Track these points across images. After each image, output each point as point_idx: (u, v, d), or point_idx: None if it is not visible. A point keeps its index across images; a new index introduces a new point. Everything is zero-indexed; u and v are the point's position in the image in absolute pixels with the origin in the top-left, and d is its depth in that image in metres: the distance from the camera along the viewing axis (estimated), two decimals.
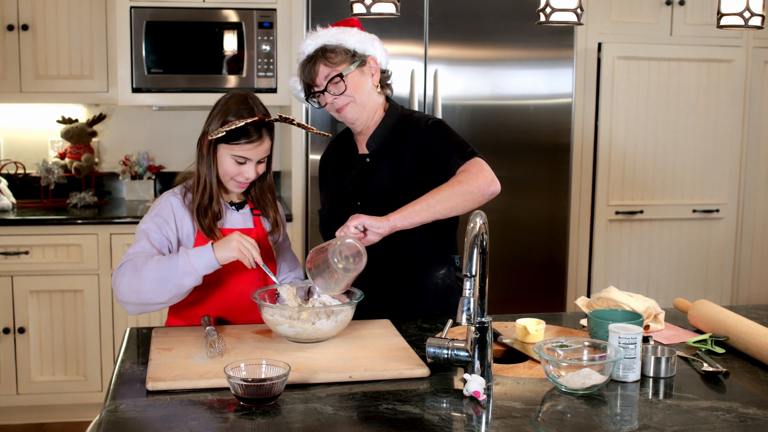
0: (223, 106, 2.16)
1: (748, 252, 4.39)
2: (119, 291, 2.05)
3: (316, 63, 2.31)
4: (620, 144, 4.12)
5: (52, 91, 3.92)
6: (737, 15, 2.09)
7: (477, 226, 1.77)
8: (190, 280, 2.02)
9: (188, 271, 2.01)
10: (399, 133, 2.38)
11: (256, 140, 2.13)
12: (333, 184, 2.47)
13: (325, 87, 2.31)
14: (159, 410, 1.64)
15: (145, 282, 2.01)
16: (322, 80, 2.31)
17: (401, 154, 2.36)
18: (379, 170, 2.38)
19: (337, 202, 2.44)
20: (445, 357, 1.84)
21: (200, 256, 2.02)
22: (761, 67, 4.25)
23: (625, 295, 2.22)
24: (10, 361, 3.71)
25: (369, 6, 2.05)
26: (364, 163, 2.41)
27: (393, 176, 2.36)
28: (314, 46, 2.32)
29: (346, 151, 2.48)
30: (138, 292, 2.02)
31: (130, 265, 2.04)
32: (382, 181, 2.37)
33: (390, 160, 2.37)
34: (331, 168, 2.51)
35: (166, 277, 2.01)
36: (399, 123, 2.40)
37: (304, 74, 2.34)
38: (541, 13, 2.07)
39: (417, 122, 2.37)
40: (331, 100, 2.32)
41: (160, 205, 2.19)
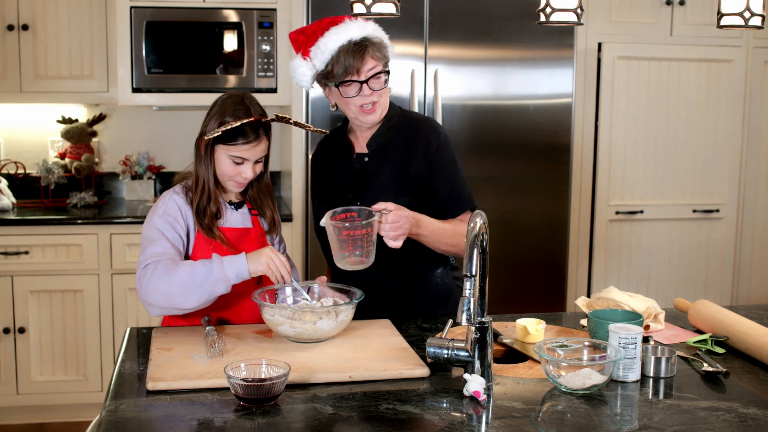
0: (219, 107, 2.17)
1: (748, 252, 4.39)
2: (148, 292, 2.04)
3: (365, 53, 2.26)
4: (620, 144, 4.12)
5: (52, 91, 3.92)
6: (737, 15, 2.09)
7: (477, 226, 1.77)
8: (221, 287, 2.03)
9: (221, 278, 2.02)
10: (403, 134, 2.38)
11: (253, 140, 2.13)
12: (329, 183, 2.46)
13: (367, 79, 2.27)
14: (159, 410, 1.64)
15: (176, 286, 2.02)
16: (366, 71, 2.27)
17: (407, 158, 2.36)
18: (381, 170, 2.37)
19: (335, 201, 2.42)
20: (445, 357, 1.84)
21: (234, 266, 2.03)
22: (761, 67, 4.25)
23: (625, 295, 2.22)
24: (10, 361, 3.72)
25: (369, 6, 2.06)
26: (363, 162, 2.40)
27: (396, 177, 2.35)
28: (360, 34, 2.27)
29: (340, 150, 2.45)
30: (167, 295, 2.03)
31: (161, 267, 2.04)
32: (384, 182, 2.36)
33: (393, 161, 2.36)
34: (325, 167, 2.49)
35: (199, 283, 2.02)
36: (401, 124, 2.40)
37: (346, 59, 2.25)
38: (541, 13, 2.07)
39: (426, 130, 2.38)
40: (368, 94, 2.29)
41: (166, 203, 2.19)
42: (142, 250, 2.11)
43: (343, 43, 2.26)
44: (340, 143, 2.46)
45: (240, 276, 2.04)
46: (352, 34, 2.26)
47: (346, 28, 2.27)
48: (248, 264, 2.04)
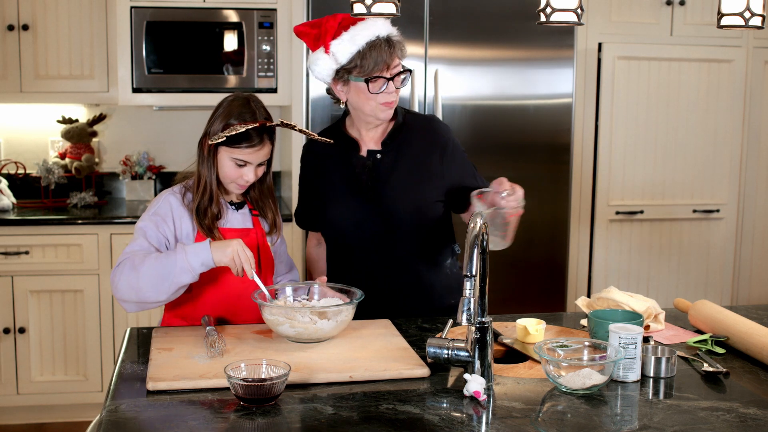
0: (226, 108, 2.16)
1: (748, 252, 4.39)
2: (118, 290, 2.05)
3: (394, 50, 2.29)
4: (620, 144, 4.12)
5: (52, 91, 3.92)
6: (737, 15, 2.09)
7: (477, 226, 1.77)
8: (187, 277, 2.03)
9: (185, 268, 2.01)
10: (415, 131, 2.42)
11: (257, 144, 2.13)
12: (341, 184, 2.42)
13: (393, 77, 2.29)
14: (159, 410, 1.64)
15: (143, 280, 2.02)
16: (393, 69, 2.29)
17: (425, 152, 2.41)
18: (398, 166, 2.39)
19: (350, 198, 2.40)
20: (445, 357, 1.84)
21: (197, 254, 2.02)
22: (761, 67, 4.25)
23: (625, 295, 2.22)
24: (10, 361, 3.72)
25: (369, 6, 2.05)
26: (376, 159, 2.39)
27: (418, 171, 2.39)
28: (387, 32, 2.30)
29: (342, 147, 2.43)
30: (137, 290, 2.03)
31: (128, 263, 2.04)
32: (403, 176, 2.38)
33: (410, 157, 2.39)
34: (328, 165, 2.45)
35: (164, 275, 2.01)
36: (411, 122, 2.44)
37: (378, 55, 2.27)
38: (541, 13, 2.07)
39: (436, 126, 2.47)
40: (392, 91, 2.30)
41: (159, 203, 2.19)
42: (113, 275, 2.10)
43: (372, 38, 2.27)
44: (342, 139, 2.44)
45: (205, 265, 2.03)
46: (380, 30, 2.28)
47: (372, 25, 2.28)
48: (212, 253, 2.02)
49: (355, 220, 2.39)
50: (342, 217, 2.41)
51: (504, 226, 2.13)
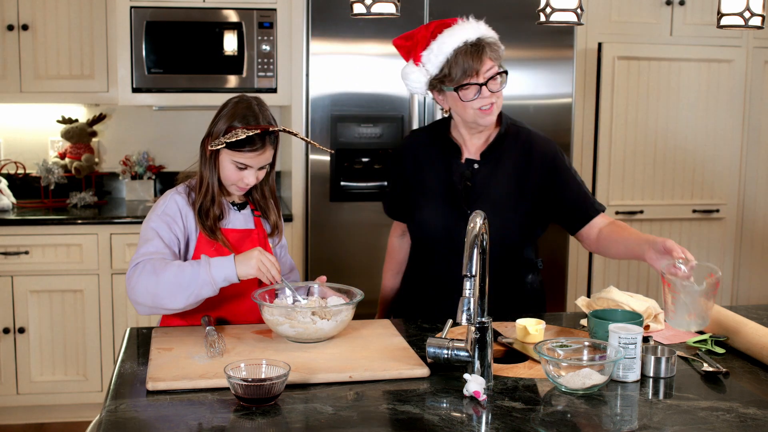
0: (230, 110, 2.15)
1: (748, 252, 4.39)
2: (135, 291, 2.04)
3: (483, 53, 2.21)
4: (620, 144, 4.12)
5: (52, 91, 3.92)
6: (737, 15, 2.09)
7: (477, 226, 1.77)
8: (208, 290, 2.02)
9: (207, 281, 2.00)
10: (517, 145, 2.34)
11: (258, 149, 2.12)
12: (436, 185, 2.37)
13: (486, 81, 2.21)
14: (159, 410, 1.64)
15: (162, 286, 2.01)
16: (484, 73, 2.21)
17: (526, 168, 2.32)
18: (496, 180, 2.32)
19: (444, 206, 2.34)
20: (445, 357, 1.84)
21: (221, 269, 2.01)
22: (761, 67, 4.25)
23: (625, 295, 2.22)
24: (10, 361, 3.71)
25: (369, 6, 2.06)
26: (473, 169, 2.34)
27: (516, 188, 2.32)
28: (476, 34, 2.23)
29: (445, 149, 2.37)
30: (154, 296, 2.02)
31: (149, 266, 2.03)
32: (501, 192, 2.31)
33: (508, 172, 2.32)
34: (429, 163, 2.39)
35: (186, 285, 2.00)
36: (514, 134, 2.36)
37: (464, 61, 2.20)
38: (541, 13, 2.07)
39: (540, 141, 2.36)
40: (487, 96, 2.22)
41: (166, 203, 2.18)
42: (137, 248, 2.11)
43: (458, 44, 2.21)
44: (444, 141, 2.38)
45: (228, 280, 2.02)
46: (468, 34, 2.22)
47: (459, 30, 2.23)
48: (237, 267, 2.01)
49: (444, 226, 2.34)
50: (432, 220, 2.37)
51: (707, 301, 1.84)
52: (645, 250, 2.08)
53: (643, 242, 2.11)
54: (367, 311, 2.41)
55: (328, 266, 3.72)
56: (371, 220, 3.79)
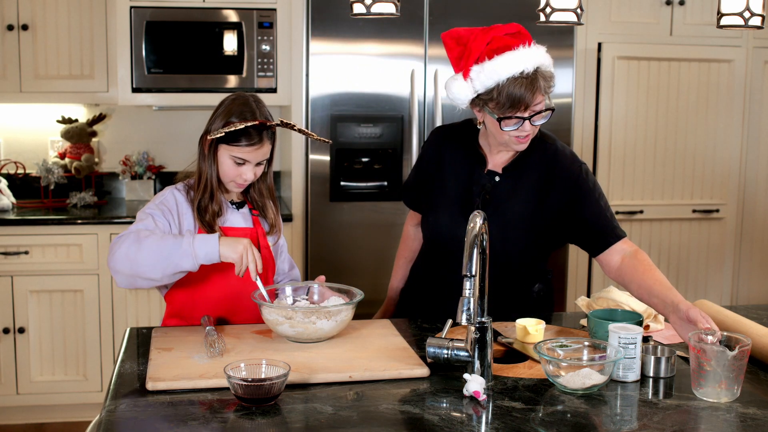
0: (227, 107, 2.17)
1: (748, 252, 4.39)
2: (114, 258, 2.01)
3: (537, 88, 2.09)
4: (620, 144, 4.12)
5: (52, 91, 3.92)
6: (737, 15, 2.09)
7: (477, 226, 1.77)
8: (188, 263, 1.99)
9: (189, 253, 1.98)
10: (541, 163, 2.27)
11: (256, 143, 2.13)
12: (454, 191, 2.32)
13: (531, 116, 2.13)
14: (159, 410, 1.64)
15: (143, 253, 1.99)
16: (533, 107, 2.11)
17: (547, 188, 2.25)
18: (515, 198, 2.26)
19: (458, 215, 2.29)
20: (445, 357, 1.84)
21: (204, 244, 1.99)
22: (761, 67, 4.25)
23: (625, 295, 2.22)
24: (10, 361, 3.71)
25: (369, 6, 2.05)
26: (494, 182, 2.28)
27: (527, 208, 2.26)
28: (533, 64, 2.10)
29: (471, 155, 2.32)
30: (133, 262, 1.99)
31: (133, 236, 2.02)
32: (518, 212, 2.26)
33: (528, 190, 2.26)
34: (452, 166, 2.34)
35: (166, 254, 1.98)
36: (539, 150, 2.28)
37: (514, 93, 2.09)
38: (541, 13, 2.07)
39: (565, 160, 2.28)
40: (528, 129, 2.14)
41: (164, 196, 2.19)
42: (112, 247, 2.08)
43: (514, 73, 2.08)
44: (471, 148, 2.32)
45: (209, 257, 1.99)
46: (526, 64, 2.09)
47: (519, 56, 2.09)
48: (220, 247, 1.99)
49: (455, 234, 2.26)
50: (445, 224, 2.33)
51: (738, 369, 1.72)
52: (668, 314, 2.00)
53: (667, 304, 2.00)
54: (367, 311, 2.42)
55: (327, 266, 3.73)
56: (371, 220, 3.79)
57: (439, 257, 2.39)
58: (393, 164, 3.77)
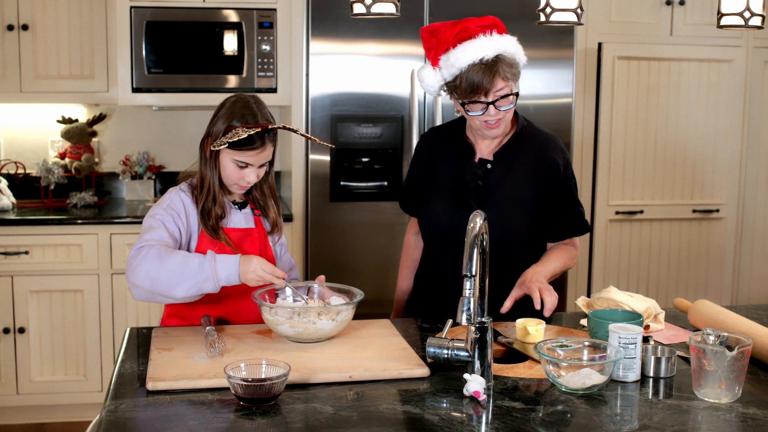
0: (228, 109, 2.16)
1: (748, 252, 4.39)
2: (135, 273, 2.01)
3: (495, 73, 2.19)
4: (620, 144, 4.12)
5: (52, 91, 3.92)
6: (737, 15, 2.09)
7: (477, 226, 1.77)
8: (210, 286, 2.00)
9: (211, 277, 1.99)
10: (530, 149, 2.35)
11: (258, 147, 2.12)
12: (447, 182, 2.38)
13: (494, 101, 2.21)
14: (159, 410, 1.64)
15: (165, 273, 1.99)
16: (494, 93, 2.20)
17: (533, 174, 2.33)
18: (505, 182, 2.33)
19: (454, 204, 2.35)
20: (445, 357, 1.84)
21: (225, 267, 1.99)
22: (761, 67, 4.25)
23: (625, 295, 2.22)
24: (10, 361, 3.71)
25: (369, 6, 2.06)
26: (486, 169, 2.35)
27: (521, 192, 2.32)
28: (494, 51, 2.20)
29: (459, 147, 2.39)
30: (154, 281, 1.99)
31: (154, 251, 2.01)
32: (508, 194, 2.32)
33: (518, 175, 2.33)
34: (443, 160, 2.41)
35: (189, 276, 1.98)
36: (529, 138, 2.37)
37: (472, 79, 2.19)
38: (541, 13, 2.07)
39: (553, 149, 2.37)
40: (493, 114, 2.23)
41: (171, 198, 2.18)
42: (141, 235, 2.09)
43: (474, 60, 2.19)
44: (459, 140, 2.39)
45: (229, 280, 2.00)
46: (486, 51, 2.19)
47: (479, 44, 2.20)
48: (240, 269, 2.00)
49: (451, 225, 2.33)
50: (440, 218, 2.38)
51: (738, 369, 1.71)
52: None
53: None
54: (367, 311, 2.42)
55: (328, 266, 3.72)
56: (371, 220, 3.79)
57: (438, 252, 2.41)
58: (393, 164, 3.77)
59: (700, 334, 1.79)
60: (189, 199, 2.19)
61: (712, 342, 1.76)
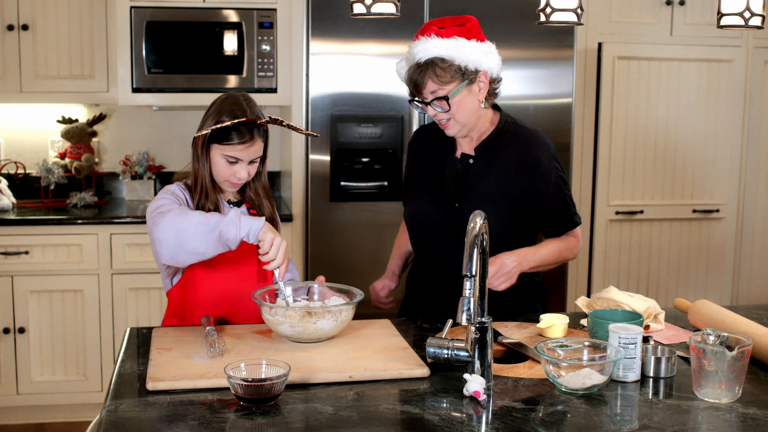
0: (217, 106, 2.18)
1: (748, 252, 4.39)
2: (159, 227, 1.99)
3: (425, 75, 2.24)
4: (620, 144, 4.12)
5: (52, 91, 3.92)
6: (737, 15, 2.09)
7: (477, 226, 1.77)
8: (233, 231, 1.96)
9: (234, 223, 1.96)
10: (513, 145, 2.36)
11: (247, 140, 2.13)
12: (430, 179, 2.41)
13: (430, 101, 2.26)
14: (159, 410, 1.64)
15: (188, 224, 1.97)
16: (428, 94, 2.26)
17: (516, 169, 2.34)
18: (486, 177, 2.34)
19: (435, 199, 2.39)
20: (445, 357, 1.84)
21: (249, 221, 1.98)
22: (761, 67, 4.25)
23: (625, 295, 2.22)
24: (10, 361, 3.72)
25: (369, 6, 2.06)
26: (467, 163, 2.37)
27: (502, 187, 2.33)
28: (427, 54, 2.24)
29: (442, 144, 2.41)
30: (179, 232, 1.97)
31: (177, 211, 2.02)
32: (488, 189, 2.33)
33: (500, 170, 2.34)
34: (427, 158, 2.44)
35: (212, 226, 1.97)
36: (512, 133, 2.37)
37: (412, 78, 2.27)
38: (541, 13, 2.07)
39: (537, 145, 2.37)
40: (433, 113, 2.29)
41: (173, 189, 2.21)
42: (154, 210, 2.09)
43: (413, 61, 2.26)
44: (443, 137, 2.41)
45: (252, 232, 1.97)
46: (421, 54, 2.24)
47: (420, 46, 2.25)
48: (263, 228, 1.97)
49: (431, 219, 2.37)
50: (421, 213, 2.41)
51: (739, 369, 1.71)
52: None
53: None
54: (367, 311, 2.42)
55: (328, 266, 3.72)
56: (371, 220, 3.79)
57: (422, 247, 2.44)
58: (393, 164, 3.77)
59: (700, 334, 1.79)
60: (188, 195, 2.21)
61: (712, 342, 1.76)
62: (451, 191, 2.35)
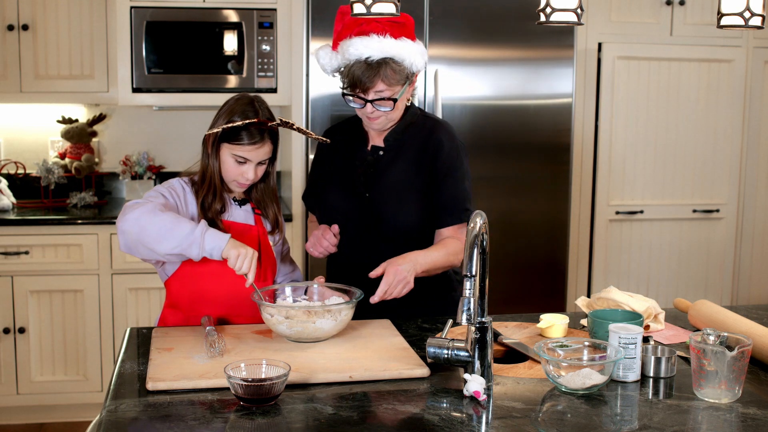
0: (230, 106, 2.20)
1: (748, 252, 4.39)
2: (125, 218, 2.02)
3: (376, 76, 2.23)
4: (620, 144, 4.12)
5: (52, 91, 3.92)
6: (737, 15, 2.09)
7: (477, 226, 1.77)
8: (194, 252, 2.01)
9: (197, 244, 2.00)
10: (419, 135, 2.38)
11: (257, 141, 2.14)
12: (341, 170, 2.44)
13: (372, 100, 2.26)
14: (159, 410, 1.64)
15: (155, 226, 2.00)
16: (372, 93, 2.25)
17: (419, 159, 2.36)
18: (394, 167, 2.38)
19: (345, 190, 2.41)
20: (445, 357, 1.84)
21: (213, 240, 2.01)
22: (761, 67, 4.25)
23: (625, 295, 2.22)
24: (10, 361, 3.71)
25: (369, 6, 2.05)
26: (377, 155, 2.40)
27: (407, 177, 2.36)
28: (381, 53, 2.23)
29: (354, 137, 2.45)
30: (142, 229, 2.01)
31: (150, 206, 2.04)
32: (395, 179, 2.37)
33: (406, 160, 2.37)
34: (339, 151, 2.47)
35: (177, 235, 2.00)
36: (419, 125, 2.40)
37: (357, 75, 2.24)
38: (541, 13, 2.07)
39: (440, 134, 2.37)
40: (371, 111, 2.28)
41: (172, 182, 2.23)
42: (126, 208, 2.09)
43: (361, 57, 2.23)
44: (356, 131, 2.45)
45: (212, 253, 2.01)
46: (373, 52, 2.22)
47: (370, 43, 2.23)
48: (227, 245, 2.00)
49: (343, 211, 2.40)
50: (333, 205, 2.43)
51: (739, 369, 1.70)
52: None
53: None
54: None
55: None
56: None
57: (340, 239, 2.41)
58: None
59: (700, 334, 1.79)
60: (189, 188, 2.23)
61: (712, 342, 1.76)
62: (360, 182, 2.38)
